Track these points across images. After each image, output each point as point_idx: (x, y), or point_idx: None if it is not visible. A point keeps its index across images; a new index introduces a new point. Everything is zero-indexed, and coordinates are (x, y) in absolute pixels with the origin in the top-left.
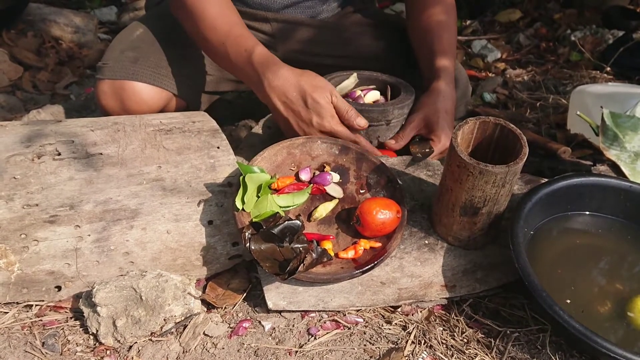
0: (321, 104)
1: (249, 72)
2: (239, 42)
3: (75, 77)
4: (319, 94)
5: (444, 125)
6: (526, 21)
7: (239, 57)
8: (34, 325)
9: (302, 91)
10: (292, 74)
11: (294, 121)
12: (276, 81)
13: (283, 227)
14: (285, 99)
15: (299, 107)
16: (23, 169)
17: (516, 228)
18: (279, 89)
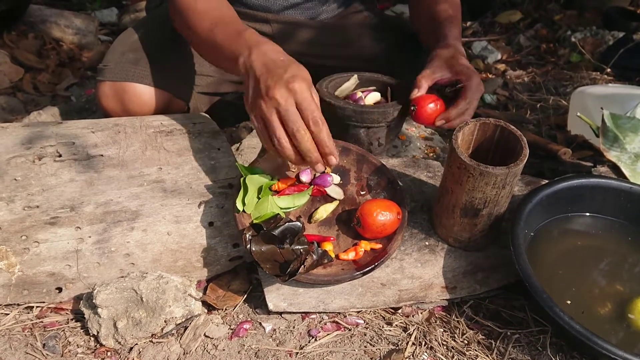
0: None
1: (237, 48)
2: (230, 26)
3: (76, 78)
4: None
5: (468, 66)
6: (526, 22)
7: (227, 38)
8: (35, 326)
9: (288, 61)
10: (285, 53)
11: (263, 80)
12: (267, 49)
13: (284, 229)
14: (267, 61)
15: (274, 69)
16: (24, 170)
17: (517, 229)
18: (267, 55)
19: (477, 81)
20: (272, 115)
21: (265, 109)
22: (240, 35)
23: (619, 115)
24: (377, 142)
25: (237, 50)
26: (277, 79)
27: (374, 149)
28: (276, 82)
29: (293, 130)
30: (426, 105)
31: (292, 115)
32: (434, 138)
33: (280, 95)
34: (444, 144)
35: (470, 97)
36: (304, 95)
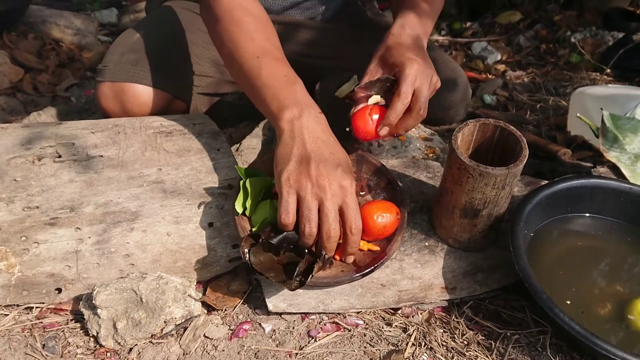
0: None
1: (284, 95)
2: (278, 66)
3: (76, 79)
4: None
5: (403, 53)
6: (526, 23)
7: (275, 80)
8: (34, 327)
9: (338, 146)
10: (330, 130)
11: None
12: (317, 119)
13: (282, 238)
14: (319, 136)
15: (328, 153)
16: (23, 171)
17: (516, 230)
18: (317, 127)
19: (412, 71)
20: (314, 202)
21: (309, 193)
22: (291, 85)
23: (618, 115)
24: (377, 142)
25: (284, 102)
26: (330, 169)
27: (373, 150)
28: (329, 173)
29: (329, 229)
30: (360, 119)
31: (334, 214)
32: (433, 139)
33: (331, 190)
34: (443, 145)
35: (405, 90)
36: (353, 197)
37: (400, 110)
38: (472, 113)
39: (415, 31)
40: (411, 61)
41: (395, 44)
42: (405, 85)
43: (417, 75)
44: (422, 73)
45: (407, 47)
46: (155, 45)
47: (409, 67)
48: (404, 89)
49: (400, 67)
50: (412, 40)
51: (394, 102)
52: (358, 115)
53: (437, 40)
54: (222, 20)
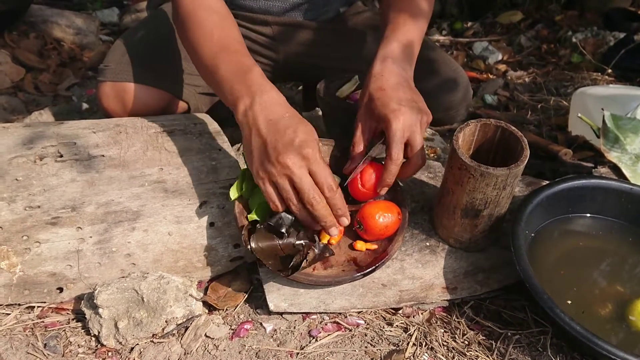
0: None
1: (237, 87)
2: (234, 58)
3: (77, 78)
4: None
5: (387, 103)
6: (527, 23)
7: (230, 72)
8: (36, 326)
9: (293, 119)
10: (288, 106)
11: (270, 142)
12: (269, 101)
13: (278, 219)
14: (272, 118)
15: (282, 130)
16: (25, 170)
17: (517, 230)
18: (270, 109)
19: (399, 123)
20: (285, 182)
21: (277, 175)
22: (245, 75)
23: (619, 116)
24: None
25: (238, 92)
26: (287, 144)
27: None
28: (287, 148)
29: (309, 198)
30: (354, 188)
31: (307, 184)
32: (434, 139)
33: (293, 163)
34: (444, 145)
35: (395, 152)
36: (318, 162)
37: (395, 172)
38: (473, 113)
39: (398, 63)
40: (395, 114)
41: (377, 91)
42: (394, 147)
43: (405, 128)
44: (410, 122)
45: (391, 91)
46: (156, 45)
47: (394, 122)
48: (394, 152)
49: (386, 123)
50: (395, 79)
51: (387, 165)
52: (351, 183)
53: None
54: (186, 23)
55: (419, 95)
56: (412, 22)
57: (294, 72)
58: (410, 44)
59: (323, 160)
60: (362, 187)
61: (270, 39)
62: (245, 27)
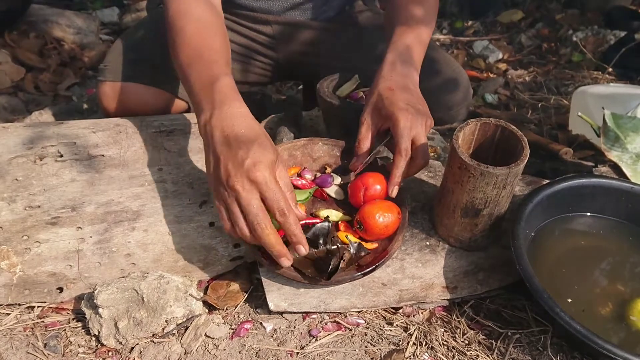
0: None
1: (202, 97)
2: (205, 68)
3: (77, 78)
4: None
5: (394, 102)
6: (528, 22)
7: (198, 82)
8: (36, 326)
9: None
10: (251, 118)
11: (223, 162)
12: (229, 112)
13: (314, 230)
14: (228, 134)
15: (235, 149)
16: (25, 170)
17: (517, 229)
18: (227, 121)
19: (408, 121)
20: (233, 205)
21: (226, 197)
22: (212, 85)
23: (620, 115)
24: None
25: (200, 105)
26: (237, 167)
27: None
28: (237, 171)
29: (253, 224)
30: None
31: (253, 209)
32: (435, 138)
33: (242, 187)
34: (445, 144)
35: (404, 146)
36: (268, 185)
37: (403, 167)
38: (473, 112)
39: (406, 66)
40: (404, 113)
41: (386, 90)
42: (403, 142)
43: (412, 126)
44: (416, 122)
45: (399, 92)
46: (156, 44)
47: (403, 120)
48: (403, 146)
49: (394, 121)
50: (404, 81)
51: (396, 160)
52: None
53: (438, 39)
54: (170, 30)
55: (424, 100)
56: (419, 27)
57: (294, 71)
58: (417, 48)
59: (276, 182)
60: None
61: (270, 38)
62: (245, 26)
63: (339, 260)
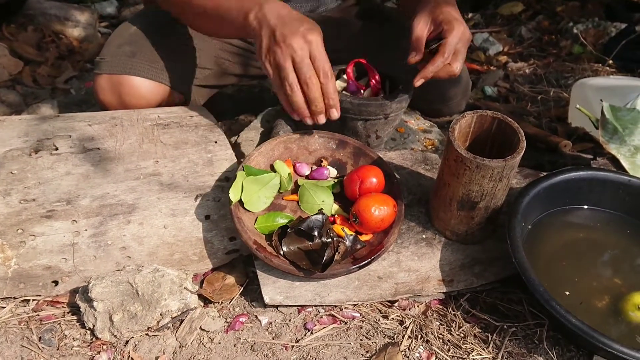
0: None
1: (245, 5)
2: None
3: (76, 71)
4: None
5: (450, 12)
6: (528, 14)
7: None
8: (31, 320)
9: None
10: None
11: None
12: (277, 5)
13: (309, 222)
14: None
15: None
16: (20, 163)
17: (513, 222)
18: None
19: (458, 33)
20: (287, 62)
21: (280, 56)
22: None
23: (618, 107)
24: (375, 134)
25: (246, 6)
26: (294, 29)
27: (371, 142)
28: (293, 32)
29: (305, 78)
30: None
31: (306, 64)
32: (432, 131)
33: (297, 44)
34: (442, 137)
35: (448, 51)
36: (319, 48)
37: (439, 67)
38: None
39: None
40: (460, 23)
41: (445, 5)
42: (450, 46)
43: (461, 37)
44: (465, 36)
45: (452, 7)
46: (152, 37)
47: (457, 28)
48: (448, 49)
49: (450, 28)
50: (454, 3)
51: (436, 58)
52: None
53: None
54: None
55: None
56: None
57: None
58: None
59: (324, 49)
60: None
61: None
62: None
63: (333, 252)
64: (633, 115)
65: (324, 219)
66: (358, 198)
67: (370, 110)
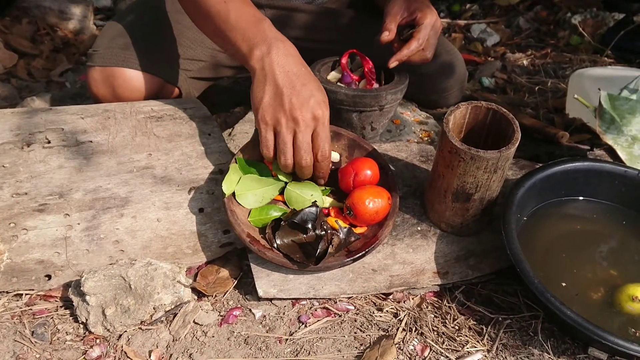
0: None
1: (252, 34)
2: (246, 7)
3: (71, 64)
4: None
5: (424, 2)
6: (526, 4)
7: (243, 20)
8: (24, 314)
9: (310, 76)
10: (302, 60)
11: (287, 94)
12: (286, 51)
13: (302, 215)
14: (289, 70)
15: (299, 86)
16: (12, 157)
17: (508, 214)
18: (286, 59)
19: (432, 20)
20: (289, 135)
21: (284, 127)
22: (259, 23)
23: (616, 96)
24: (370, 126)
25: (253, 40)
26: (303, 102)
27: (366, 134)
28: (302, 105)
29: (301, 159)
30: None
31: (306, 145)
32: (428, 122)
33: (304, 122)
34: (439, 128)
35: (422, 36)
36: (325, 125)
37: (413, 52)
38: (470, 96)
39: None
40: (431, 11)
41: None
42: (424, 32)
43: (434, 24)
44: (437, 23)
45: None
46: (146, 29)
47: (430, 16)
48: (422, 34)
49: (423, 14)
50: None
51: (411, 43)
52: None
53: None
54: None
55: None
56: None
57: None
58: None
59: (328, 125)
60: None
61: None
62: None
63: (327, 245)
64: (631, 105)
65: (318, 212)
66: (352, 190)
67: (365, 101)
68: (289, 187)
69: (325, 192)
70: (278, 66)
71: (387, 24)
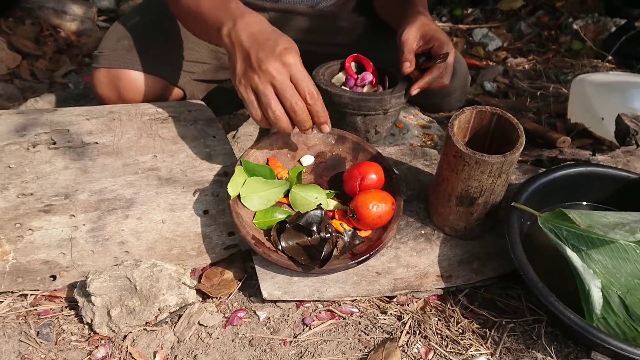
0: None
1: (220, 14)
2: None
3: (74, 65)
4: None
5: (437, 31)
6: (528, 9)
7: (212, 6)
8: (29, 314)
9: (275, 32)
10: (268, 23)
11: (253, 53)
12: (251, 20)
13: (307, 217)
14: (254, 32)
15: (264, 41)
16: (18, 158)
17: (512, 218)
18: (252, 25)
19: (447, 49)
20: (267, 88)
21: (259, 83)
22: (227, 4)
23: None
24: (374, 130)
25: (221, 19)
26: (268, 52)
27: (370, 137)
28: (268, 55)
29: (292, 104)
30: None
31: (289, 89)
32: (432, 126)
33: (275, 69)
34: (442, 132)
35: (442, 66)
36: (299, 68)
37: (435, 78)
38: (472, 100)
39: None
40: (448, 39)
41: (430, 22)
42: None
43: (452, 52)
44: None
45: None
46: (151, 31)
47: (448, 44)
48: (442, 66)
49: (440, 44)
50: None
51: (433, 70)
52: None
53: None
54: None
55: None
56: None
57: None
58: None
59: (304, 68)
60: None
61: None
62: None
63: (332, 248)
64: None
65: (323, 214)
66: (356, 194)
67: (370, 105)
68: (293, 190)
69: (330, 195)
70: (243, 32)
71: (406, 55)
